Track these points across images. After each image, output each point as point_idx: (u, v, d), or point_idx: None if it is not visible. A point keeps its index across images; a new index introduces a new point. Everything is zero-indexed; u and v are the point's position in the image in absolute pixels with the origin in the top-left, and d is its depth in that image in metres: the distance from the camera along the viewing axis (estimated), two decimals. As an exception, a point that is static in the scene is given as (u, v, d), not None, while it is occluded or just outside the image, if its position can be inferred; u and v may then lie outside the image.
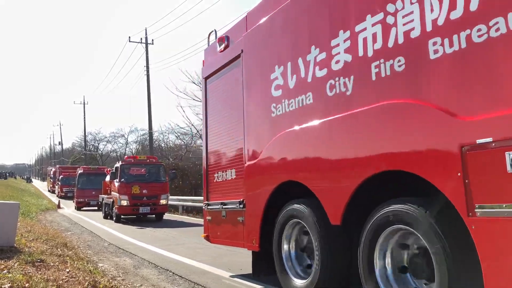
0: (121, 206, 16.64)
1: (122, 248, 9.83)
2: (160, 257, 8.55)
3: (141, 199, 16.80)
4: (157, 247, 9.96)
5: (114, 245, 10.52)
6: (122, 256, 8.74)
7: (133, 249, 9.77)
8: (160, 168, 18.41)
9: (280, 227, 5.01)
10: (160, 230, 13.57)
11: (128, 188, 16.75)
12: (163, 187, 17.52)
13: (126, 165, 17.63)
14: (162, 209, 17.45)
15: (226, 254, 8.52)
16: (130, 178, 17.35)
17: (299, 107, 4.61)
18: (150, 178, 17.66)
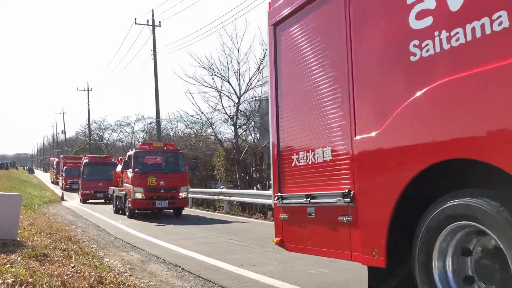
0: (135, 200, 15.69)
1: (129, 243, 9.85)
2: (169, 252, 8.56)
3: (158, 191, 15.76)
4: (166, 241, 9.93)
5: (121, 239, 10.54)
6: (129, 251, 8.74)
7: (140, 243, 9.80)
8: (179, 156, 17.09)
9: (429, 234, 3.33)
10: (172, 225, 13.41)
11: (143, 179, 15.73)
12: (182, 178, 16.35)
13: (140, 153, 16.54)
14: (182, 203, 16.38)
15: (238, 250, 8.54)
16: (146, 167, 16.28)
17: (471, 41, 3.05)
18: (168, 168, 16.51)
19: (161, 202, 15.81)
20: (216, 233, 11.30)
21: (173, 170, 16.49)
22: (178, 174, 16.32)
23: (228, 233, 11.26)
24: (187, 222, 14.73)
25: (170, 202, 15.98)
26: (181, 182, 16.21)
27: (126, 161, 16.22)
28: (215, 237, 10.59)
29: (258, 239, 9.88)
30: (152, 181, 15.74)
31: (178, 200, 16.12)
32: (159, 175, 15.94)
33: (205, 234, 11.05)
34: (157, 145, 17.62)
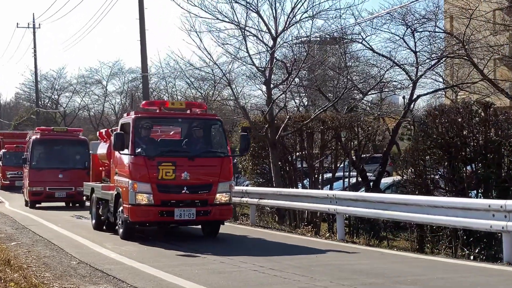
0: (137, 206, 13.53)
1: (101, 270, 10.13)
2: (164, 285, 8.93)
3: (177, 191, 13.63)
4: (158, 267, 10.35)
5: (87, 263, 10.86)
6: (101, 283, 9.06)
7: (118, 270, 10.09)
8: (215, 126, 14.96)
9: None
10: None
11: (151, 168, 13.57)
12: (222, 168, 14.04)
13: (145, 120, 14.36)
14: (222, 213, 14.14)
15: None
16: (155, 147, 14.32)
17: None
18: (194, 148, 14.32)
19: (183, 210, 13.62)
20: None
21: (205, 152, 14.46)
22: (215, 160, 14.23)
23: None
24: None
25: (199, 212, 13.68)
26: (220, 174, 13.98)
27: (119, 135, 13.83)
28: (238, 262, 11.03)
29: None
30: (168, 172, 13.61)
31: (215, 208, 13.84)
32: (180, 161, 13.76)
33: (221, 257, 11.55)
34: (175, 105, 15.47)
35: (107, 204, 15.77)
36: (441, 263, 11.12)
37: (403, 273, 9.99)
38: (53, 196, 25.72)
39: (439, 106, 16.07)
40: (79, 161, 26.07)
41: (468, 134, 13.57)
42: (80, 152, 26.44)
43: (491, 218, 10.99)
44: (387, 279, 9.29)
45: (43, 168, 25.88)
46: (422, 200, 12.64)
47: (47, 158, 26.49)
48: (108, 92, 57.34)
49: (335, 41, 25.23)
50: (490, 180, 12.70)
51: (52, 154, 26.65)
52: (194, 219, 14.03)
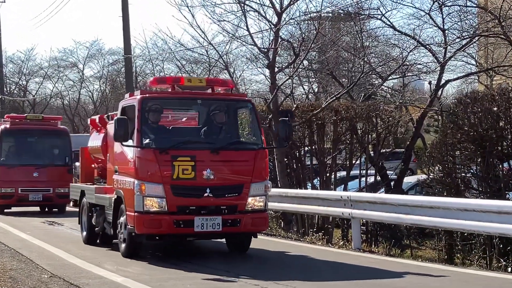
0: (144, 215, 12.47)
1: (77, 284, 10.16)
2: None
3: (198, 194, 12.63)
4: (146, 283, 10.38)
5: (61, 277, 10.84)
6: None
7: (97, 285, 10.19)
8: (243, 110, 14.36)
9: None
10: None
11: (163, 164, 12.54)
12: (257, 164, 13.10)
13: (154, 101, 13.30)
14: (255, 223, 13.11)
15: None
16: (168, 136, 13.45)
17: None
18: (219, 138, 13.42)
19: (206, 220, 12.55)
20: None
21: (233, 143, 13.57)
22: (246, 153, 13.29)
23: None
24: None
25: (226, 221, 12.63)
26: (253, 172, 13.00)
27: (122, 121, 12.74)
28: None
29: None
30: (185, 169, 12.57)
31: (246, 217, 12.86)
32: (201, 155, 12.73)
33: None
34: (192, 82, 14.04)
35: (102, 212, 14.68)
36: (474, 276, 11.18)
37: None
38: (27, 199, 24.74)
39: (471, 93, 16.10)
40: (59, 156, 25.37)
41: (505, 126, 13.60)
42: (60, 145, 25.67)
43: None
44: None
45: (14, 165, 24.74)
46: (452, 202, 12.76)
47: (18, 153, 25.51)
48: (85, 77, 57.37)
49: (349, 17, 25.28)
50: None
51: (25, 148, 25.63)
52: (220, 230, 12.78)
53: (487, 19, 20.82)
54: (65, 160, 24.78)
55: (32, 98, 60.00)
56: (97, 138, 15.94)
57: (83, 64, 57.09)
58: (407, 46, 22.80)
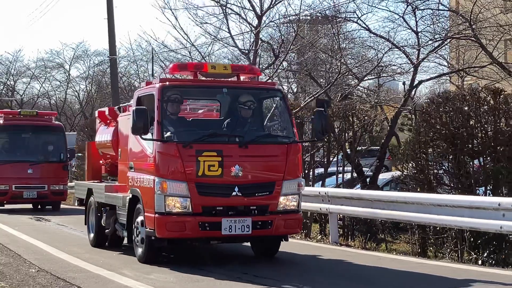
0: (166, 217, 10.98)
1: (64, 278, 10.07)
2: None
3: (226, 193, 11.10)
4: (131, 277, 10.23)
5: (48, 271, 10.73)
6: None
7: (83, 279, 10.03)
8: (273, 99, 12.70)
9: None
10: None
11: (187, 159, 11.00)
12: (289, 160, 11.51)
13: (176, 90, 11.68)
14: (288, 225, 11.52)
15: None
16: (190, 128, 12.02)
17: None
18: (246, 131, 11.78)
19: (234, 221, 11.05)
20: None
21: (264, 136, 12.03)
22: (277, 147, 11.69)
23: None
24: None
25: (256, 223, 11.14)
26: (285, 168, 11.49)
27: (142, 112, 11.09)
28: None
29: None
30: (211, 165, 11.09)
31: (278, 218, 11.30)
32: (228, 149, 11.24)
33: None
34: (216, 69, 12.33)
35: (113, 212, 13.14)
36: (446, 269, 11.18)
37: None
38: (21, 196, 23.62)
39: (443, 93, 16.13)
40: (54, 152, 24.32)
41: (476, 124, 13.64)
42: (55, 142, 24.56)
43: (501, 218, 11.10)
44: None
45: (8, 162, 23.57)
46: (424, 198, 12.76)
47: (12, 149, 24.30)
48: (71, 77, 56.99)
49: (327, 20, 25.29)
50: (500, 176, 12.79)
51: (19, 144, 24.41)
52: (250, 233, 11.16)
53: (459, 22, 20.92)
54: (60, 156, 23.92)
55: (19, 97, 59.55)
56: (106, 132, 14.24)
57: (70, 65, 56.74)
58: (382, 48, 22.90)
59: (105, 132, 14.27)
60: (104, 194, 13.30)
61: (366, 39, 25.52)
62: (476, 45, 20.65)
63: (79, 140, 33.78)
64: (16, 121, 24.78)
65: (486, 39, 20.53)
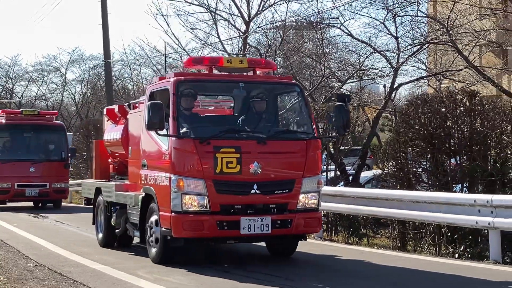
0: (183, 216, 10.06)
1: (60, 272, 9.98)
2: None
3: (244, 191, 10.21)
4: (124, 270, 10.03)
5: (45, 266, 10.63)
6: (60, 287, 8.96)
7: (79, 273, 9.92)
8: (291, 94, 11.82)
9: None
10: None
11: (204, 157, 10.14)
12: (309, 156, 10.62)
13: (191, 84, 10.82)
14: (308, 224, 10.60)
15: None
16: (207, 124, 11.19)
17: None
18: (264, 127, 11.00)
19: (253, 220, 10.15)
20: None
21: (282, 132, 11.29)
22: (297, 143, 10.76)
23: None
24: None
25: (275, 222, 10.24)
26: (305, 165, 10.57)
27: (158, 107, 10.15)
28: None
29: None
30: (230, 162, 10.20)
31: (298, 217, 10.40)
32: (246, 145, 10.36)
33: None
34: (232, 63, 11.40)
35: (123, 211, 12.23)
36: (424, 262, 11.17)
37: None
38: (23, 194, 23.05)
39: (421, 95, 16.14)
40: (55, 151, 23.79)
41: (452, 125, 13.63)
42: (56, 140, 24.01)
43: (476, 214, 11.10)
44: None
45: (10, 160, 23.06)
46: (404, 195, 12.74)
47: (14, 148, 23.67)
48: (68, 81, 56.65)
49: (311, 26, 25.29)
50: (475, 174, 12.78)
51: (21, 143, 23.82)
52: (269, 232, 10.26)
53: (436, 28, 20.95)
54: (61, 155, 23.43)
55: (18, 100, 59.18)
56: (115, 130, 13.24)
57: (66, 69, 56.29)
58: (364, 52, 22.89)
59: (114, 130, 13.31)
60: (114, 193, 12.35)
61: (348, 44, 25.52)
62: (453, 49, 20.72)
63: (75, 140, 33.59)
64: (18, 120, 24.14)
65: (462, 44, 20.57)
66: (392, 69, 21.43)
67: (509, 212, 10.79)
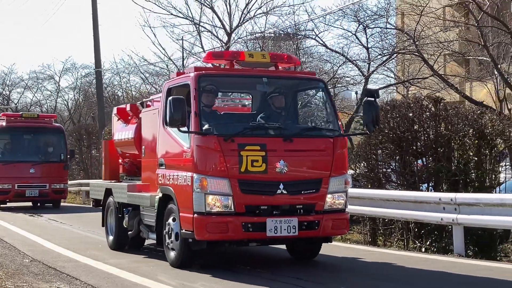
0: (206, 217, 8.93)
1: (54, 267, 9.91)
2: (118, 282, 8.60)
3: (270, 191, 9.09)
4: (115, 265, 9.84)
5: (40, 261, 10.56)
6: (55, 281, 8.84)
7: (72, 268, 9.81)
8: (315, 90, 11.04)
9: None
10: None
11: (229, 155, 9.02)
12: (336, 154, 9.53)
13: (213, 79, 9.80)
14: (335, 225, 9.51)
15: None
16: (230, 121, 10.12)
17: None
18: (289, 124, 10.08)
19: (279, 222, 9.01)
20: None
21: (308, 129, 10.34)
22: (323, 141, 9.60)
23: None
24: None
25: (301, 224, 9.13)
26: (332, 163, 9.47)
27: (179, 102, 8.95)
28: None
29: None
30: (255, 160, 9.07)
31: (325, 218, 9.28)
32: (272, 143, 9.27)
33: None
34: (254, 58, 10.18)
35: (136, 213, 11.09)
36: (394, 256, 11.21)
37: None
38: (23, 194, 22.34)
39: (390, 101, 16.20)
40: (54, 153, 23.10)
41: (419, 129, 13.66)
42: (55, 142, 23.35)
43: (441, 211, 11.16)
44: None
45: (11, 162, 22.33)
46: (375, 194, 12.81)
47: (15, 150, 22.89)
48: (61, 88, 56.30)
49: (288, 37, 25.33)
50: (440, 174, 12.82)
51: (21, 145, 23.01)
52: (296, 235, 9.14)
53: (404, 39, 21.08)
54: (60, 156, 22.83)
55: (14, 106, 58.75)
56: (126, 129, 12.13)
57: (59, 77, 55.90)
58: (337, 61, 23.02)
59: (125, 129, 12.13)
60: (126, 194, 11.15)
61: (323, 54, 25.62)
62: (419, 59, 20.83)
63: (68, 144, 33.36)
64: (18, 123, 23.49)
65: (428, 54, 20.70)
66: (363, 77, 21.53)
67: (472, 209, 10.87)
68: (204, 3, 21.84)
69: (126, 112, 12.30)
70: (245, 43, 23.97)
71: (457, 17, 22.39)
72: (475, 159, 12.62)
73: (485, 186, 12.43)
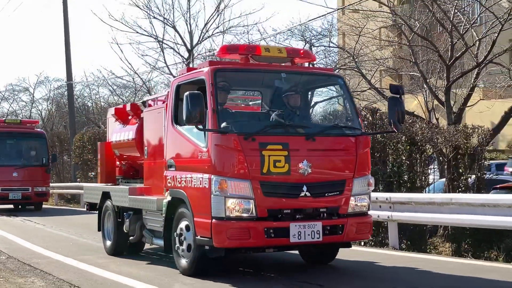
0: (226, 222, 7.50)
1: (29, 264, 9.65)
2: (87, 276, 8.40)
3: (293, 194, 7.78)
4: (84, 261, 9.60)
5: (16, 258, 10.29)
6: (29, 276, 8.64)
7: (45, 264, 9.53)
8: (334, 87, 9.69)
9: None
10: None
11: (250, 155, 7.65)
12: (359, 154, 8.25)
13: (231, 74, 8.50)
14: (360, 230, 8.16)
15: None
16: (248, 119, 8.95)
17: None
18: (310, 122, 9.51)
19: (303, 226, 7.70)
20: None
21: (331, 127, 8.82)
22: (346, 140, 8.28)
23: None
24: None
25: (325, 228, 7.83)
26: (356, 164, 8.19)
27: (197, 98, 7.50)
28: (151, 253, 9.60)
29: None
30: (277, 160, 7.73)
31: (350, 221, 7.99)
32: (294, 142, 7.91)
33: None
34: (270, 52, 8.67)
35: (138, 217, 9.61)
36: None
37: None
38: (7, 198, 21.03)
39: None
40: (36, 157, 21.90)
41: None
42: (37, 147, 22.08)
43: (378, 209, 11.27)
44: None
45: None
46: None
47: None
48: (35, 99, 55.48)
49: (243, 55, 25.36)
50: (377, 176, 12.98)
51: (4, 149, 21.64)
52: (320, 240, 7.82)
53: (345, 56, 21.29)
54: (42, 161, 21.69)
55: (-8, 115, 57.52)
56: (125, 130, 10.59)
57: (34, 89, 55.08)
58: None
59: (124, 130, 10.60)
60: (128, 197, 9.62)
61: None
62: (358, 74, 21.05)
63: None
64: (1, 128, 21.93)
65: (366, 70, 20.92)
66: (309, 90, 21.62)
67: (404, 207, 11.01)
68: (167, 23, 21.66)
69: (125, 113, 10.77)
70: (204, 59, 23.88)
71: (391, 37, 22.70)
72: (407, 162, 12.77)
73: (416, 186, 12.59)
